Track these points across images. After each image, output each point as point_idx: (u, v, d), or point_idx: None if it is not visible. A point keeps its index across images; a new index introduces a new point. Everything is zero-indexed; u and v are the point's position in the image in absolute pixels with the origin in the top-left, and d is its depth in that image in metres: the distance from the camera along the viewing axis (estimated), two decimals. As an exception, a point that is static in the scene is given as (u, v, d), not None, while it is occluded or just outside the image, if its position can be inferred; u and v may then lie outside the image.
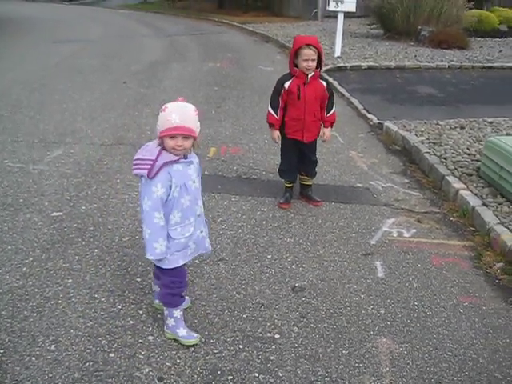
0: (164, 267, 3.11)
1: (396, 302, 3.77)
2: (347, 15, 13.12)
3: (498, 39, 16.29)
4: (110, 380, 2.92)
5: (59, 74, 10.70)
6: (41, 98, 8.74)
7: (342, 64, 11.97)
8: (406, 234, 4.76)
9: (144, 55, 13.33)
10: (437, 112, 8.49)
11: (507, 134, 7.02)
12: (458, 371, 3.16)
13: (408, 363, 3.19)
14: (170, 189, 2.95)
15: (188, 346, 3.17)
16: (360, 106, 8.87)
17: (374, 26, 17.04)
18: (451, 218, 5.12)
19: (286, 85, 4.79)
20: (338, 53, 12.66)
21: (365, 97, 9.47)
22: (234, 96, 9.32)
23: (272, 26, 18.95)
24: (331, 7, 12.12)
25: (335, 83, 10.17)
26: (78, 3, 38.12)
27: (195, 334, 3.25)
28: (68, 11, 29.18)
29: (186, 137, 2.90)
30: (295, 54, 4.70)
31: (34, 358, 3.04)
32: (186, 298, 3.48)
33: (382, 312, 3.65)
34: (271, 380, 2.99)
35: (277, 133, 4.95)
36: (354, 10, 12.32)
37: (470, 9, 15.95)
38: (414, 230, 4.84)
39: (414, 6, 15.01)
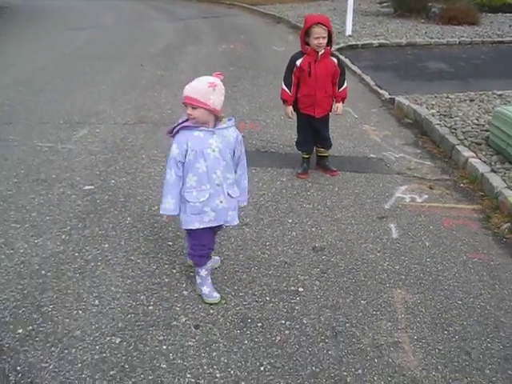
0: (181, 227, 3.41)
1: (409, 259, 4.04)
2: (357, -6, 13.29)
3: (508, 14, 16.29)
4: (150, 328, 3.24)
5: (77, 60, 10.98)
6: (63, 83, 9.03)
7: (353, 42, 12.17)
8: (419, 199, 5.02)
9: (158, 39, 13.57)
10: (447, 86, 8.68)
11: (516, 105, 7.22)
12: (468, 317, 3.43)
13: (421, 311, 3.47)
14: (186, 152, 3.17)
15: (209, 304, 3.46)
16: (372, 82, 9.09)
17: (385, 4, 17.14)
18: (461, 185, 5.36)
19: (298, 62, 4.98)
20: (349, 31, 12.85)
21: (376, 73, 9.67)
22: (249, 76, 9.57)
23: (283, 7, 19.06)
24: (341, -14, 12.30)
25: (347, 61, 10.38)
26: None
27: (216, 294, 3.51)
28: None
29: (193, 107, 3.09)
30: (306, 33, 4.88)
31: (80, 312, 3.36)
32: (216, 258, 3.78)
33: (397, 267, 3.93)
34: (297, 326, 3.29)
35: (290, 108, 5.18)
36: (364, -11, 12.47)
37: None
38: (426, 196, 5.10)
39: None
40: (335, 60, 5.06)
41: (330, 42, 4.93)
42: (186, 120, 3.19)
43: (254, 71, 9.91)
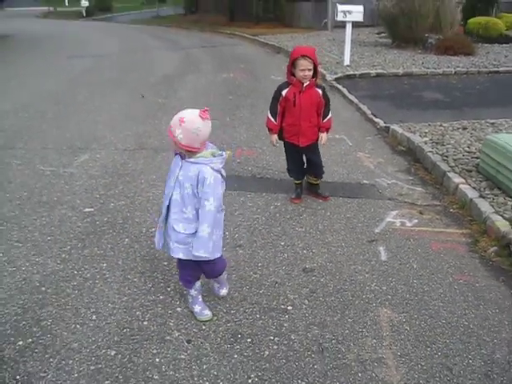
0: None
1: (397, 280, 4.19)
2: (356, 24, 13.61)
3: (505, 45, 16.57)
4: (145, 342, 3.38)
5: (78, 88, 11.22)
6: (64, 110, 9.26)
7: (351, 72, 12.39)
8: (408, 224, 5.17)
9: (159, 68, 13.85)
10: (441, 115, 8.88)
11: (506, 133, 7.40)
12: (451, 335, 3.57)
13: (406, 329, 3.61)
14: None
15: (201, 321, 3.61)
16: (368, 111, 9.28)
17: (383, 34, 17.47)
18: (451, 210, 5.52)
19: (284, 92, 5.11)
20: (347, 61, 13.11)
21: (373, 103, 9.88)
22: (247, 104, 9.79)
23: (283, 37, 19.42)
24: (339, 17, 12.62)
25: (344, 90, 10.62)
26: (92, 19, 38.96)
27: (207, 312, 3.66)
28: (82, 27, 29.90)
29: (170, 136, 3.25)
30: (292, 64, 4.98)
31: (78, 326, 3.51)
32: (220, 286, 3.89)
33: (384, 288, 4.07)
34: (285, 342, 3.43)
35: (274, 137, 5.35)
36: (362, 20, 12.79)
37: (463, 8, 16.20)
38: (416, 221, 5.25)
39: (415, 14, 15.35)
40: (320, 91, 5.15)
41: (315, 74, 5.03)
42: None
43: (252, 99, 10.14)
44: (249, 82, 11.92)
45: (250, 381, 3.09)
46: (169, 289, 3.96)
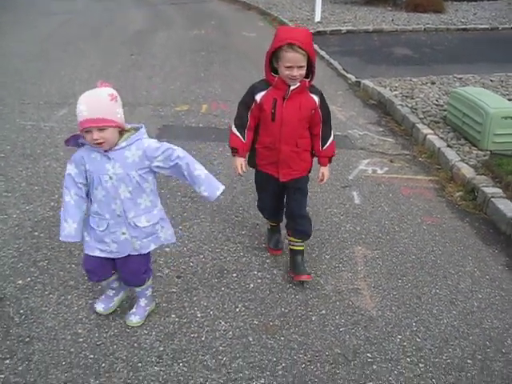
0: (84, 250, 3.03)
1: (370, 222, 4.48)
2: (326, -18, 13.69)
3: (473, 2, 16.78)
4: (137, 279, 3.61)
5: (52, 45, 11.17)
6: (39, 67, 9.24)
7: (321, 28, 12.52)
8: (380, 171, 5.46)
9: (129, 25, 13.69)
10: (411, 71, 9.13)
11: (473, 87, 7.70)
12: (420, 269, 3.88)
13: (379, 264, 3.91)
14: (86, 173, 2.80)
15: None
16: (339, 67, 9.51)
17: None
18: (420, 159, 5.81)
19: (258, 97, 3.34)
20: (318, 18, 13.22)
21: (344, 58, 10.10)
22: (220, 60, 9.89)
23: (253, -6, 19.30)
24: (310, -26, 12.65)
25: (315, 46, 10.77)
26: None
27: (100, 306, 3.29)
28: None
29: (100, 128, 2.62)
30: (273, 54, 3.23)
31: (73, 265, 3.73)
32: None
33: (358, 228, 4.36)
34: (268, 276, 3.71)
35: (240, 161, 3.50)
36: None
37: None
38: (387, 168, 5.53)
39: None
40: (316, 98, 3.37)
41: (310, 73, 3.29)
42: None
43: (224, 55, 10.24)
44: (220, 39, 11.98)
45: (237, 309, 3.37)
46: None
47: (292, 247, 3.72)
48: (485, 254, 4.12)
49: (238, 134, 3.45)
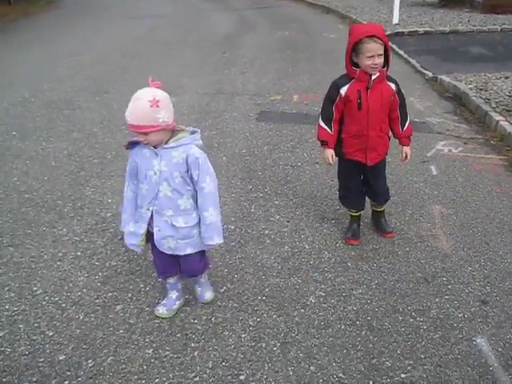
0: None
1: (445, 188, 5.21)
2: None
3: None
4: (254, 221, 4.50)
5: (147, 45, 12.37)
6: (140, 63, 10.40)
7: (399, 30, 13.19)
8: (455, 151, 6.16)
9: (217, 28, 14.84)
10: (486, 68, 9.65)
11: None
12: (489, 223, 4.59)
13: (453, 218, 4.65)
14: (137, 170, 2.97)
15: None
16: (417, 64, 10.19)
17: (430, -6, 18.09)
18: (491, 142, 6.47)
19: (343, 90, 3.73)
20: (396, 20, 13.90)
21: (421, 57, 10.75)
22: (305, 57, 10.77)
23: (329, -2, 20.09)
24: (389, -22, 13.33)
25: (394, 46, 11.47)
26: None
27: (160, 309, 3.40)
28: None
29: (144, 133, 2.76)
30: (353, 50, 3.62)
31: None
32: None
33: (435, 193, 5.10)
34: (361, 223, 4.50)
35: (330, 152, 3.91)
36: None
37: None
38: (461, 148, 6.23)
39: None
40: (393, 86, 3.82)
41: (386, 62, 3.68)
42: None
43: (309, 53, 11.12)
44: (303, 39, 12.87)
45: (337, 245, 4.21)
46: (266, 189, 5.08)
47: (375, 209, 4.39)
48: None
49: (325, 127, 3.85)
